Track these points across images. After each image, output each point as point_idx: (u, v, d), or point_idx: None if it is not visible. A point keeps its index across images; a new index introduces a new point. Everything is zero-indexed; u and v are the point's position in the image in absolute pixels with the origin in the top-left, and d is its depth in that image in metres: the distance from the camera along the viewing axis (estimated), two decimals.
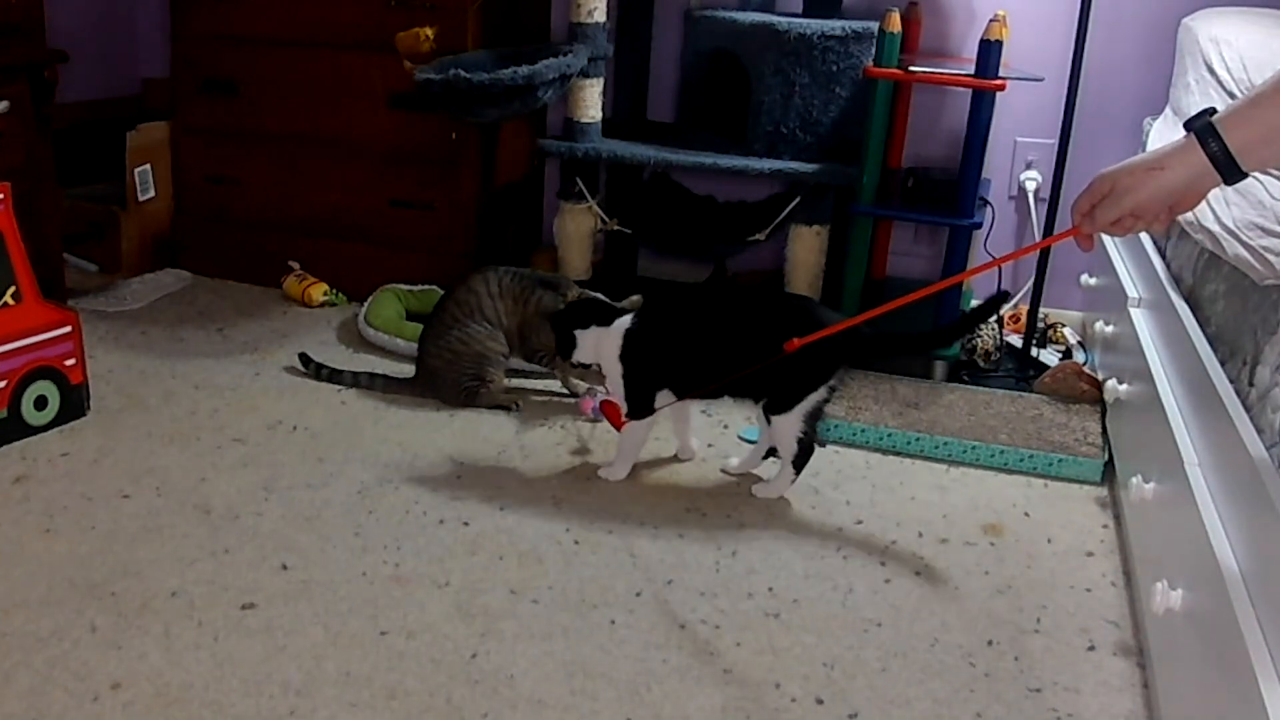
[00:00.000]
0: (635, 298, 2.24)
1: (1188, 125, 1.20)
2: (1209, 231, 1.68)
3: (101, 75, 3.21)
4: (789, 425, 1.87)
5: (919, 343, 2.15)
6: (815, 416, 1.88)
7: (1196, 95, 2.05)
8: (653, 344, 1.92)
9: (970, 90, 2.25)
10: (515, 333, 2.22)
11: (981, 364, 2.51)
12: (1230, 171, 1.18)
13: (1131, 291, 2.14)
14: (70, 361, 2.05)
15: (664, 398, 1.93)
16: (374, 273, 2.73)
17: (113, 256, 2.86)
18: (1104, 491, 2.03)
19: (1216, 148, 1.17)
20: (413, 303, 2.63)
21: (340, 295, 2.78)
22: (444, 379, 2.21)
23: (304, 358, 2.33)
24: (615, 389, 1.95)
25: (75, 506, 1.79)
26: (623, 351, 1.91)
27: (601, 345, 1.93)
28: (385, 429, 2.12)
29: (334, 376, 2.29)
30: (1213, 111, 1.19)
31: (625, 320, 1.93)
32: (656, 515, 1.87)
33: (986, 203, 2.56)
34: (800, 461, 1.91)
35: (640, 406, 1.93)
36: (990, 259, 2.76)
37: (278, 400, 2.22)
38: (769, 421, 1.88)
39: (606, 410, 1.98)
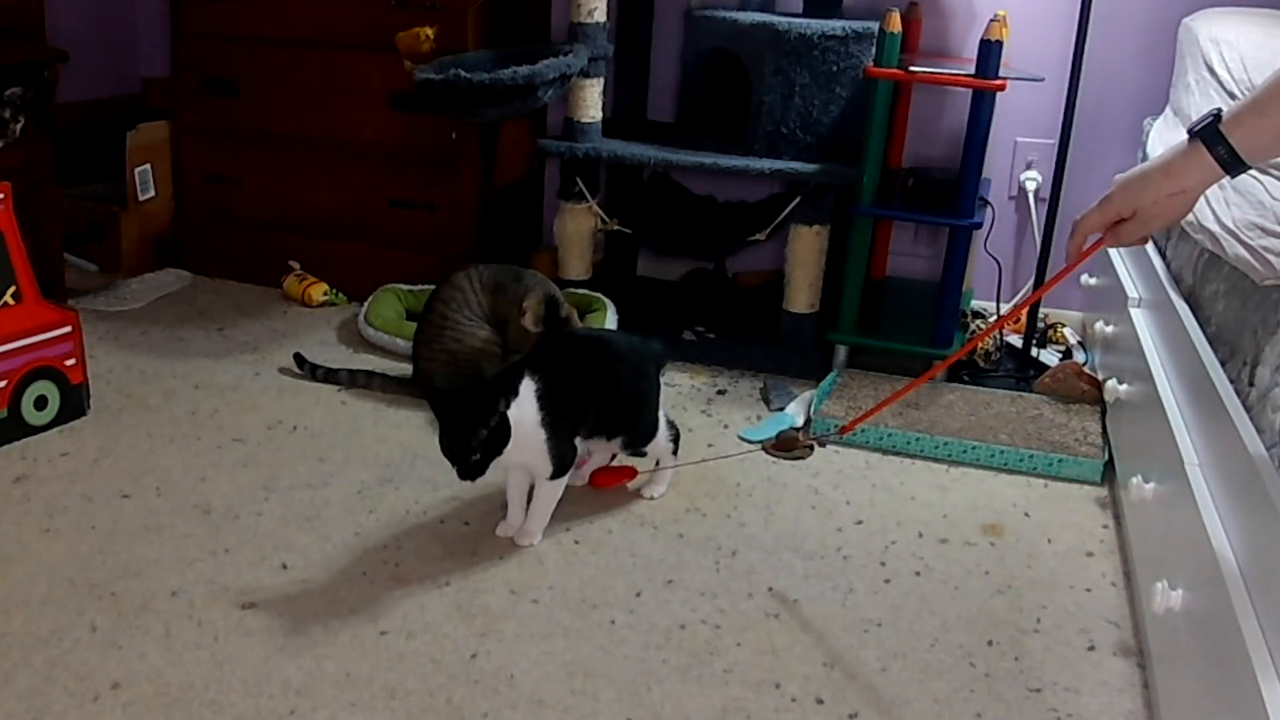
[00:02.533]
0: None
1: (1194, 133, 1.21)
2: (1209, 231, 1.68)
3: (101, 75, 3.21)
4: (661, 435, 1.87)
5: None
6: None
7: (1196, 95, 2.05)
8: (562, 394, 1.70)
9: (970, 90, 2.25)
10: (496, 326, 2.23)
11: (981, 364, 2.51)
12: (1236, 170, 1.20)
13: (1131, 291, 2.14)
14: (70, 361, 2.05)
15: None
16: (374, 273, 2.73)
17: (113, 256, 2.86)
18: (1104, 491, 2.03)
19: (1224, 152, 1.18)
20: (413, 303, 2.63)
21: (340, 295, 2.78)
22: (443, 380, 2.21)
23: (299, 358, 2.33)
24: (538, 459, 1.70)
25: (75, 506, 1.79)
26: (541, 416, 1.67)
27: (522, 419, 1.66)
28: (385, 429, 2.12)
29: (330, 376, 2.29)
30: (1217, 115, 1.19)
31: (529, 382, 1.67)
32: (656, 515, 1.86)
33: (987, 203, 2.56)
34: (676, 444, 1.92)
35: (567, 462, 1.74)
36: (991, 257, 2.77)
37: (278, 400, 2.22)
38: (643, 452, 1.87)
39: (602, 480, 1.93)
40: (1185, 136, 1.23)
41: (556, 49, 2.44)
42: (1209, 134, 1.19)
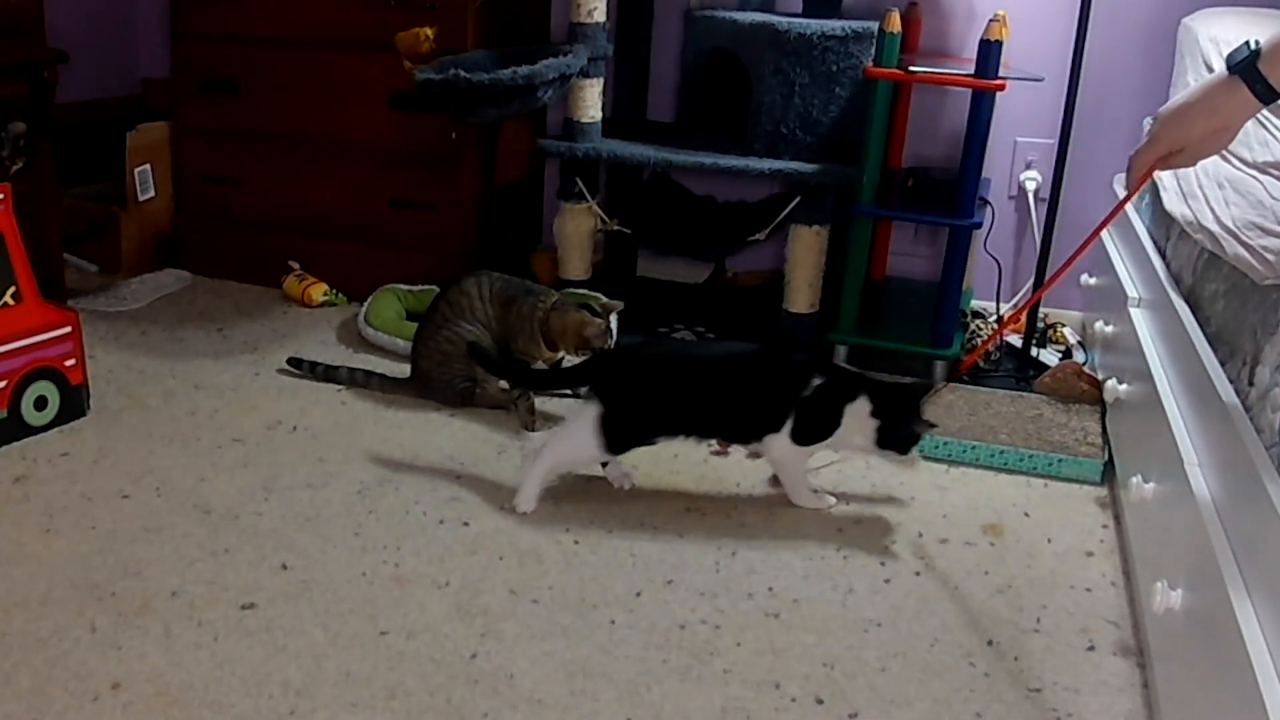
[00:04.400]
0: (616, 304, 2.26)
1: (1233, 69, 1.27)
2: (1209, 231, 1.68)
3: (101, 75, 3.21)
4: None
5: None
6: None
7: None
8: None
9: (970, 90, 2.25)
10: (500, 339, 2.21)
11: (981, 364, 2.51)
12: (1273, 100, 1.27)
13: (1131, 291, 2.14)
14: (70, 361, 2.05)
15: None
16: (374, 273, 2.73)
17: (113, 256, 2.86)
18: (1104, 491, 2.03)
19: (1262, 88, 1.26)
20: (413, 303, 2.63)
21: (340, 295, 2.78)
22: (436, 381, 2.21)
23: (294, 361, 2.33)
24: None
25: (75, 506, 1.79)
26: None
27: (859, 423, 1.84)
28: (385, 429, 2.12)
29: (329, 373, 2.29)
30: (1256, 52, 1.25)
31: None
32: (656, 515, 1.86)
33: (986, 202, 2.57)
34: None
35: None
36: (991, 257, 2.77)
37: (278, 400, 2.22)
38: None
39: None
40: (1224, 70, 1.28)
41: (556, 49, 2.44)
42: (1248, 72, 1.25)
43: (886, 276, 2.87)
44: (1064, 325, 2.71)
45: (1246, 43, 1.26)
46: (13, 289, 1.99)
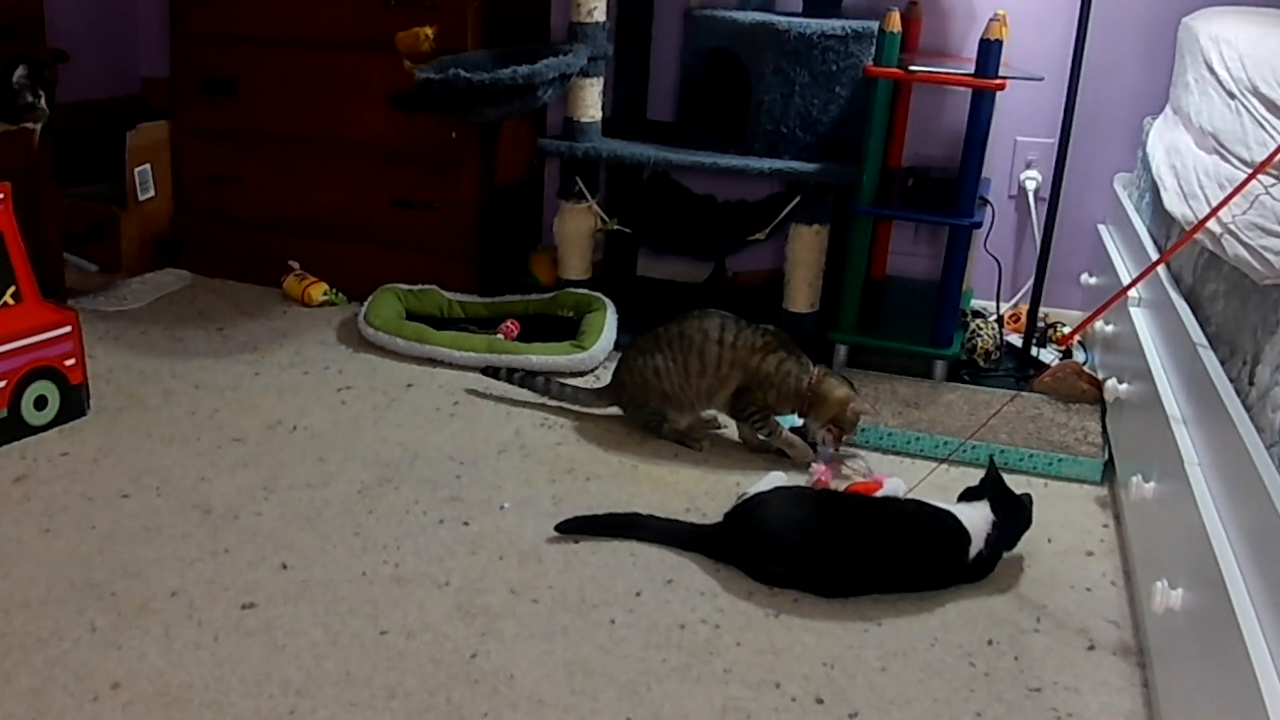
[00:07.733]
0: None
1: None
2: (1209, 231, 1.68)
3: (101, 75, 3.21)
4: None
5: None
6: None
7: (1196, 95, 2.04)
8: None
9: (970, 90, 2.25)
10: (731, 386, 2.07)
11: (981, 363, 2.51)
12: None
13: (1131, 291, 2.14)
14: (70, 361, 2.05)
15: None
16: (374, 272, 2.73)
17: (113, 256, 2.86)
18: (1104, 491, 2.03)
19: None
20: (412, 302, 2.63)
21: (340, 295, 2.78)
22: (629, 397, 2.15)
23: (490, 370, 2.28)
24: None
25: (75, 506, 1.79)
26: None
27: None
28: (385, 429, 2.12)
29: (526, 381, 2.23)
30: None
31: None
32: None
33: (986, 202, 2.56)
34: None
35: None
36: (990, 257, 2.76)
37: (278, 400, 2.22)
38: None
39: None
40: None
41: (556, 48, 2.44)
42: None
43: (886, 276, 2.87)
44: (1064, 325, 2.71)
45: None
46: (12, 289, 1.99)
